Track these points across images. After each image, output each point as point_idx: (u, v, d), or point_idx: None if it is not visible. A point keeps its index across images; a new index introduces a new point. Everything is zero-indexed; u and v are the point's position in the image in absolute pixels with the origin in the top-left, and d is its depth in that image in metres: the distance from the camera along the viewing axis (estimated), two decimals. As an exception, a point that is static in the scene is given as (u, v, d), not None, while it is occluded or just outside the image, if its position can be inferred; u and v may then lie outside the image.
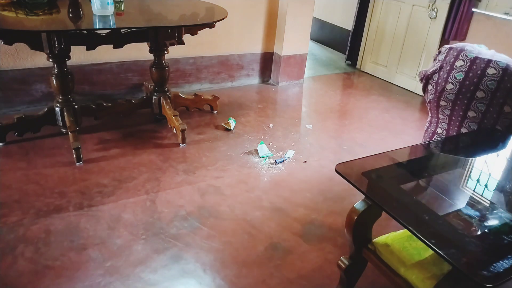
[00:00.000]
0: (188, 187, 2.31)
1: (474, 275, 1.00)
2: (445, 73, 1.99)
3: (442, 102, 2.04)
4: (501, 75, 1.87)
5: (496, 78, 1.88)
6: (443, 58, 2.04)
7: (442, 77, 2.00)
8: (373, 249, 1.45)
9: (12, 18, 2.25)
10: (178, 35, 2.65)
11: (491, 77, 1.89)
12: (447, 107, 2.04)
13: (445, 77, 1.99)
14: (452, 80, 1.97)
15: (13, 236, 1.85)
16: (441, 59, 2.05)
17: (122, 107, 2.86)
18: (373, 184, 1.45)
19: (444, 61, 2.02)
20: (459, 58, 1.97)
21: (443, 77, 1.99)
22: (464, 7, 3.56)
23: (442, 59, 2.04)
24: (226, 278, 1.74)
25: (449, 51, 2.04)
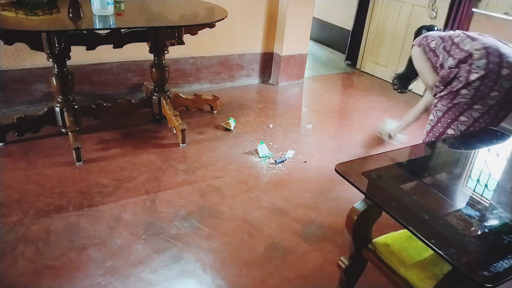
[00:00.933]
0: (188, 187, 2.31)
1: (474, 275, 1.00)
2: (490, 81, 1.91)
3: (476, 106, 1.99)
4: None
5: None
6: (485, 65, 1.90)
7: (487, 85, 1.92)
8: (373, 249, 1.45)
9: (12, 18, 2.25)
10: (178, 35, 2.65)
11: None
12: (479, 111, 1.99)
13: (490, 85, 1.92)
14: (499, 88, 1.93)
15: (13, 236, 1.85)
16: (482, 66, 1.90)
17: (122, 107, 2.86)
18: (373, 184, 1.45)
19: (487, 68, 1.90)
20: (504, 66, 1.90)
21: (488, 85, 1.92)
22: (464, 7, 3.56)
23: (484, 65, 1.90)
24: (226, 278, 1.74)
25: (488, 56, 1.92)
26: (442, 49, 2.08)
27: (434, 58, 2.11)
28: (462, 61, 1.97)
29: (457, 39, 2.05)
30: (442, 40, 2.09)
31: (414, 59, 2.25)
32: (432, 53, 2.11)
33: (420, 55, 2.18)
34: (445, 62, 2.06)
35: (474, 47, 1.95)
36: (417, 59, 2.22)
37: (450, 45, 2.05)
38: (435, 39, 2.11)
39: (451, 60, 2.02)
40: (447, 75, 2.01)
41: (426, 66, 2.17)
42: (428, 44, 2.13)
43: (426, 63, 2.16)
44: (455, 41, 2.04)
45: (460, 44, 2.03)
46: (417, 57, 2.21)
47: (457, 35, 2.07)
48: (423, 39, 2.16)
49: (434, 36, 2.15)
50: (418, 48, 2.19)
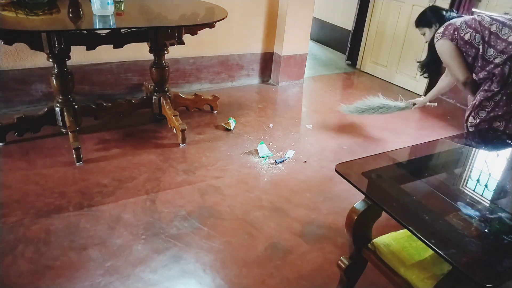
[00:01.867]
0: (188, 187, 2.31)
1: (474, 275, 1.00)
2: None
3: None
4: None
5: None
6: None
7: None
8: (373, 249, 1.45)
9: (12, 18, 2.25)
10: (178, 35, 2.65)
11: None
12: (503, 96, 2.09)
13: None
14: None
15: (13, 236, 1.85)
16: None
17: (122, 107, 2.86)
18: (373, 184, 1.45)
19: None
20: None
21: None
22: (464, 7, 3.56)
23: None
24: (226, 278, 1.74)
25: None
26: (481, 39, 2.07)
27: (472, 50, 2.11)
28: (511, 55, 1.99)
29: (493, 28, 2.06)
30: (475, 30, 2.08)
31: (443, 53, 2.22)
32: (468, 46, 2.11)
33: (452, 49, 2.16)
34: (486, 52, 2.07)
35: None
36: (447, 54, 2.20)
37: (488, 34, 2.06)
38: (468, 31, 2.10)
39: (492, 50, 2.04)
40: (502, 73, 2.03)
41: (459, 61, 2.17)
42: (462, 37, 2.11)
43: (459, 58, 2.16)
44: (492, 30, 2.05)
45: (500, 33, 2.04)
46: (447, 51, 2.19)
47: (489, 22, 2.07)
48: (454, 32, 2.14)
49: (462, 25, 2.13)
50: (448, 42, 2.16)
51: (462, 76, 2.19)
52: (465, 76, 2.18)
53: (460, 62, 2.18)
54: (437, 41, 2.23)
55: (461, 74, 2.18)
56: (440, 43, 2.21)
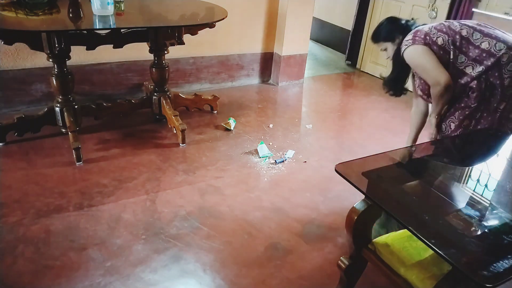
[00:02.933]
0: (188, 187, 2.31)
1: (474, 275, 1.00)
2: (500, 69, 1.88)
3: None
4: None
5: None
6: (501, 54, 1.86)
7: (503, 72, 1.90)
8: (373, 249, 1.45)
9: (12, 18, 2.25)
10: (178, 35, 2.65)
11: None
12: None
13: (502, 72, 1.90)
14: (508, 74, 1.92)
15: (13, 236, 1.85)
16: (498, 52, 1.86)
17: (122, 107, 2.86)
18: (373, 184, 1.45)
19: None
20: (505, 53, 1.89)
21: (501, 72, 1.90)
22: (464, 7, 3.55)
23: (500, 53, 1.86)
24: (226, 278, 1.74)
25: (495, 43, 1.87)
26: (452, 45, 1.92)
27: (445, 56, 1.93)
28: (489, 66, 1.86)
29: (464, 32, 1.91)
30: (446, 34, 1.93)
31: (416, 59, 2.00)
32: (442, 51, 1.93)
33: (426, 52, 1.94)
34: (456, 60, 1.92)
35: (496, 48, 1.85)
36: (422, 58, 1.97)
37: (460, 39, 1.91)
38: (439, 35, 1.94)
39: (463, 57, 1.90)
40: (479, 88, 1.90)
41: (436, 62, 1.93)
42: (435, 41, 1.94)
43: (435, 58, 1.93)
44: (463, 35, 1.91)
45: (471, 38, 1.90)
46: (422, 55, 1.96)
47: (458, 26, 1.93)
48: (426, 37, 1.95)
49: (431, 29, 1.96)
50: (421, 46, 1.95)
51: (444, 77, 1.90)
52: (447, 77, 1.90)
53: (438, 63, 1.93)
54: (406, 48, 1.99)
55: (442, 75, 1.90)
56: (411, 49, 1.97)
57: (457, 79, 1.95)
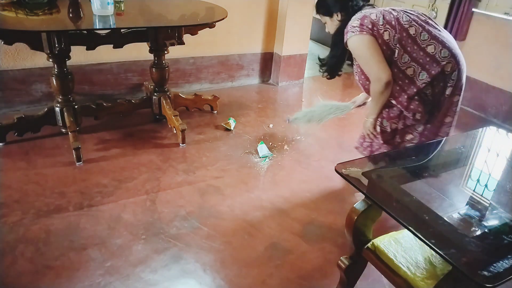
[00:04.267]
0: (188, 187, 2.31)
1: (474, 275, 1.00)
2: (459, 89, 1.85)
3: (455, 98, 1.90)
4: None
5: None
6: (457, 76, 1.80)
7: (456, 93, 1.87)
8: (373, 249, 1.45)
9: (12, 18, 2.25)
10: (178, 35, 2.65)
11: None
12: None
13: (457, 93, 1.86)
14: (459, 92, 1.90)
15: (13, 236, 1.85)
16: (455, 78, 1.80)
17: (122, 107, 2.86)
18: (373, 184, 1.45)
19: (459, 79, 1.82)
20: (464, 70, 1.85)
21: (455, 93, 1.86)
22: (464, 7, 3.56)
23: (456, 77, 1.80)
24: (226, 278, 1.74)
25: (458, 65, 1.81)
26: (398, 43, 1.79)
27: (387, 52, 1.81)
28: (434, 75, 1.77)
29: (412, 31, 1.78)
30: (394, 29, 1.79)
31: (360, 49, 1.86)
32: (385, 47, 1.80)
33: (372, 43, 1.80)
34: (401, 58, 1.80)
35: (441, 54, 1.77)
36: (366, 49, 1.82)
37: (406, 37, 1.78)
38: (386, 28, 1.79)
39: (406, 57, 1.78)
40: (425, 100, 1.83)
41: (380, 56, 1.80)
42: (381, 35, 1.80)
43: (380, 52, 1.81)
44: (411, 33, 1.77)
45: (418, 39, 1.78)
46: (366, 46, 1.81)
47: (408, 23, 1.80)
48: (373, 27, 1.80)
49: (379, 19, 1.81)
50: (370, 37, 1.81)
51: (385, 73, 1.79)
52: (389, 74, 1.79)
53: (383, 58, 1.80)
54: (352, 36, 1.85)
55: (384, 71, 1.79)
56: (357, 39, 1.83)
57: (399, 81, 1.85)
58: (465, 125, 3.50)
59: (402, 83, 1.83)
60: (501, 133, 1.97)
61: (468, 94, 3.82)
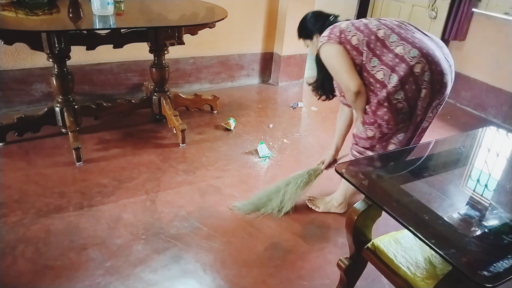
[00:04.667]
0: (188, 187, 2.31)
1: (474, 275, 1.00)
2: (438, 93, 1.75)
3: (417, 111, 1.79)
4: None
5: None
6: (430, 78, 1.71)
7: (434, 97, 1.76)
8: (373, 249, 1.45)
9: (12, 18, 2.25)
10: (178, 35, 2.65)
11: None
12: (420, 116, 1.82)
13: (436, 95, 1.76)
14: (440, 96, 1.78)
15: (13, 236, 1.85)
16: (428, 79, 1.71)
17: (122, 107, 2.86)
18: (373, 184, 1.45)
19: (433, 80, 1.71)
20: (444, 73, 1.73)
21: (435, 96, 1.76)
22: (464, 7, 3.56)
23: (429, 78, 1.71)
24: (226, 278, 1.74)
25: (430, 66, 1.70)
26: (366, 47, 1.75)
27: (359, 57, 1.78)
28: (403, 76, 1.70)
29: (381, 33, 1.74)
30: (362, 33, 1.76)
31: (329, 59, 1.84)
32: (355, 52, 1.77)
33: (340, 52, 1.78)
34: (369, 62, 1.76)
35: (410, 54, 1.69)
36: (334, 59, 1.81)
37: (375, 41, 1.74)
38: (355, 33, 1.77)
39: (376, 61, 1.74)
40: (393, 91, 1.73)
41: (349, 66, 1.78)
42: (349, 41, 1.77)
43: (350, 63, 1.78)
44: (379, 36, 1.74)
45: (387, 41, 1.73)
46: (334, 55, 1.80)
47: (376, 26, 1.77)
48: (341, 35, 1.79)
49: (348, 26, 1.80)
50: (336, 45, 1.79)
51: (354, 84, 1.76)
52: (357, 83, 1.77)
53: (351, 67, 1.78)
54: (321, 46, 1.85)
55: (353, 82, 1.76)
56: (325, 48, 1.83)
57: (371, 86, 1.80)
58: (465, 125, 3.50)
59: (373, 88, 1.79)
60: (501, 133, 1.97)
61: (468, 94, 3.83)
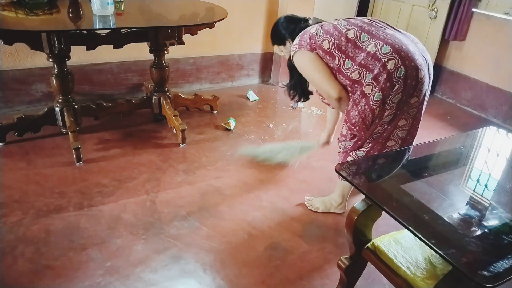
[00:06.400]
0: (188, 187, 2.31)
1: (474, 275, 1.00)
2: (411, 88, 1.69)
3: (387, 106, 1.73)
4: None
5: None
6: (405, 73, 1.65)
7: (408, 93, 1.71)
8: (373, 249, 1.45)
9: (12, 18, 2.25)
10: (178, 35, 2.65)
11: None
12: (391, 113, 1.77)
13: (411, 92, 1.71)
14: (418, 93, 1.74)
15: (13, 236, 1.85)
16: (402, 75, 1.65)
17: (122, 107, 2.86)
18: (373, 184, 1.45)
19: (407, 75, 1.67)
20: (419, 68, 1.69)
21: (409, 92, 1.71)
22: (464, 7, 3.56)
23: (404, 74, 1.65)
24: (226, 278, 1.74)
25: (403, 61, 1.66)
26: (337, 49, 1.74)
27: (333, 61, 1.76)
28: (376, 74, 1.67)
29: (351, 34, 1.72)
30: (332, 36, 1.74)
31: (304, 68, 1.84)
32: (329, 56, 1.76)
33: (313, 60, 1.78)
34: (344, 65, 1.74)
35: (382, 51, 1.66)
36: (309, 67, 1.81)
37: (345, 42, 1.72)
38: (325, 37, 1.75)
39: (350, 63, 1.73)
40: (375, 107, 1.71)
41: (326, 73, 1.77)
42: (321, 46, 1.76)
43: (326, 69, 1.78)
44: (349, 37, 1.72)
45: (358, 41, 1.71)
46: (308, 64, 1.80)
47: (345, 27, 1.75)
48: (311, 41, 1.78)
49: (318, 31, 1.78)
50: (308, 53, 1.79)
51: (334, 90, 1.76)
52: (337, 89, 1.77)
53: (328, 74, 1.77)
54: (293, 54, 1.84)
55: (332, 88, 1.75)
56: (298, 56, 1.82)
57: (348, 87, 1.78)
58: (465, 125, 3.50)
59: (352, 88, 1.78)
60: (501, 133, 1.97)
61: (468, 94, 3.83)
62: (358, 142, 1.89)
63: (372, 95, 1.71)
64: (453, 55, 3.92)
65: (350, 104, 1.80)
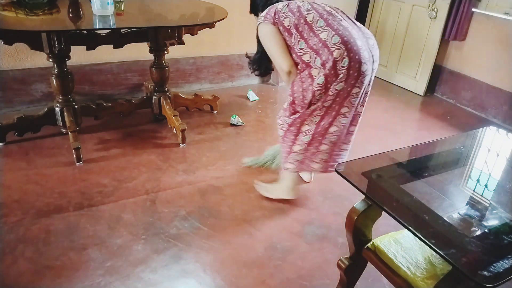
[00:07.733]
0: (188, 187, 2.31)
1: (474, 275, 1.00)
2: (353, 79, 1.79)
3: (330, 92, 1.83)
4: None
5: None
6: (348, 64, 1.75)
7: (350, 83, 1.81)
8: (373, 249, 1.45)
9: (12, 18, 2.25)
10: (178, 35, 2.65)
11: None
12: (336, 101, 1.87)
13: (353, 83, 1.81)
14: (360, 84, 1.84)
15: (13, 236, 1.85)
16: (346, 65, 1.75)
17: (122, 107, 2.86)
18: (373, 184, 1.45)
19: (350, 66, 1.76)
20: (363, 62, 1.78)
21: (351, 83, 1.81)
22: (464, 7, 3.56)
23: (347, 65, 1.75)
24: (226, 278, 1.74)
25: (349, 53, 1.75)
26: (294, 29, 1.84)
27: (290, 38, 1.86)
28: (324, 61, 1.77)
29: (309, 18, 1.82)
30: (294, 16, 1.84)
31: (264, 39, 1.96)
32: (287, 33, 1.87)
33: (273, 33, 1.89)
34: (297, 44, 1.85)
35: (332, 41, 1.76)
36: (268, 38, 1.92)
37: (303, 24, 1.83)
38: (287, 15, 1.85)
39: (303, 43, 1.83)
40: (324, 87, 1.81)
41: (281, 46, 1.88)
42: (282, 22, 1.86)
43: (282, 44, 1.89)
44: (308, 20, 1.82)
45: (314, 26, 1.81)
46: (268, 35, 1.92)
47: (307, 10, 1.84)
48: (275, 16, 1.87)
49: (284, 8, 1.88)
50: (270, 25, 1.89)
51: (286, 64, 1.88)
52: (289, 64, 1.88)
53: (283, 48, 1.88)
54: (258, 24, 1.96)
55: (285, 62, 1.87)
56: (261, 27, 1.94)
57: (298, 66, 1.89)
58: (465, 125, 3.50)
59: (301, 68, 1.89)
60: (501, 133, 1.97)
61: (468, 94, 3.83)
62: (297, 120, 1.99)
63: (317, 78, 1.82)
64: (453, 55, 3.92)
65: (297, 79, 1.92)
